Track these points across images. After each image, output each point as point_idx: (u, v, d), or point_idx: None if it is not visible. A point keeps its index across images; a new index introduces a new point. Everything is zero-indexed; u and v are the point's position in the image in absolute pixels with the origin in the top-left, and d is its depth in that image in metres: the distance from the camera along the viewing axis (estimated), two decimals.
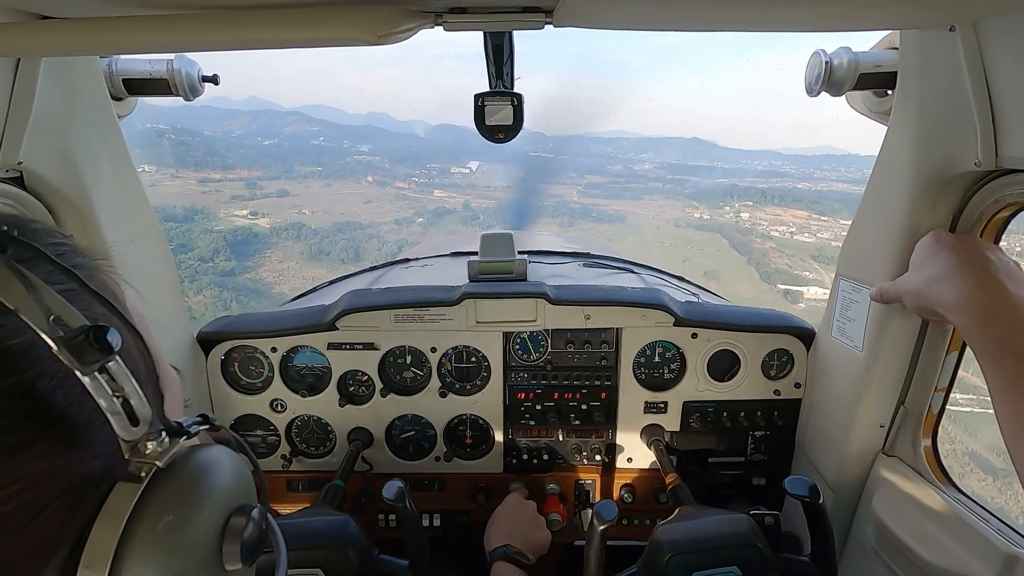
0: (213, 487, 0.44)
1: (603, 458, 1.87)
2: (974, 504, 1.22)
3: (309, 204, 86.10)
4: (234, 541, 0.44)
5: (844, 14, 0.94)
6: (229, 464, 0.47)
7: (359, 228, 76.53)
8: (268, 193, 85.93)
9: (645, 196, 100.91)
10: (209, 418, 0.49)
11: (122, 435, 0.39)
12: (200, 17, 0.86)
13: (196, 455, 0.44)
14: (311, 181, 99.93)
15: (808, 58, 1.35)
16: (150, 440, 0.41)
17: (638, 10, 0.92)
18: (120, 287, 0.50)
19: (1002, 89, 1.00)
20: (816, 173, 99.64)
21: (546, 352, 1.82)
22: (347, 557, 1.30)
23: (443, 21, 0.91)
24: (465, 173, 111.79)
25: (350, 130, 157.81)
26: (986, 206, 1.15)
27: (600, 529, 1.26)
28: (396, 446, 1.89)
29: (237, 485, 0.47)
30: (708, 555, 1.22)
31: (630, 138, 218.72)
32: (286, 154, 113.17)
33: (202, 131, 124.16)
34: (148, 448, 0.40)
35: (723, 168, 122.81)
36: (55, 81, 1.18)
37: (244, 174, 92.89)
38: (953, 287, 1.03)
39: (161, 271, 1.56)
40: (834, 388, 1.55)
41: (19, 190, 1.20)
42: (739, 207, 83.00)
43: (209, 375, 1.79)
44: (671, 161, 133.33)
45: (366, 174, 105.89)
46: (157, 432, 0.41)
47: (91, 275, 0.46)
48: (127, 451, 0.40)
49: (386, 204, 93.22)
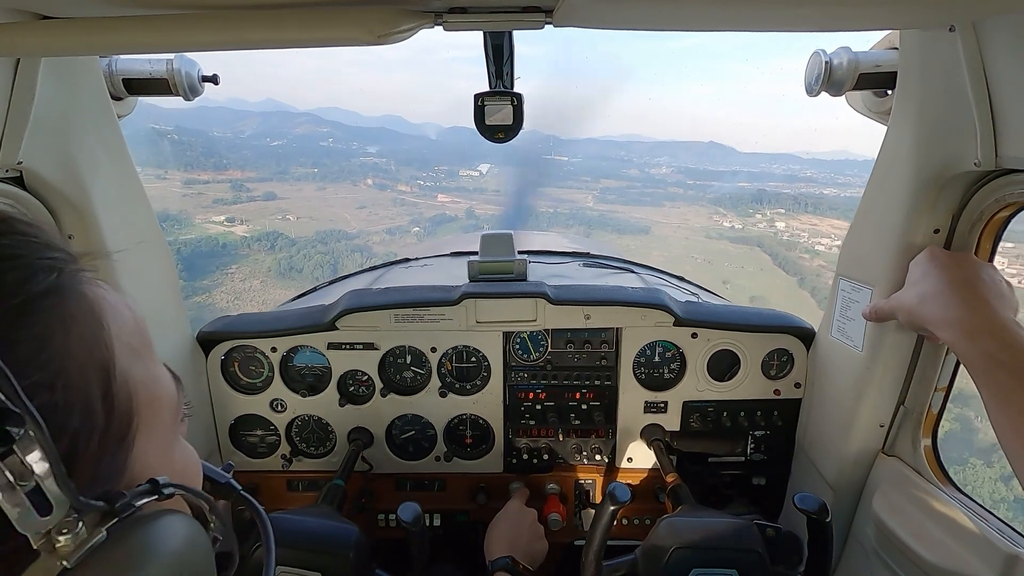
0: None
1: (603, 458, 1.87)
2: (974, 504, 1.22)
3: (296, 209, 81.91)
4: None
5: (844, 14, 0.94)
6: (175, 541, 0.41)
7: (344, 238, 71.13)
8: (254, 196, 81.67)
9: (666, 203, 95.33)
10: (158, 484, 0.43)
11: (25, 530, 0.34)
12: (200, 17, 0.86)
13: (126, 539, 0.38)
14: (304, 183, 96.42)
15: (808, 58, 1.35)
16: (63, 532, 0.35)
17: (638, 10, 0.92)
18: (105, 302, 0.45)
19: (1002, 89, 1.00)
20: (839, 178, 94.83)
21: (546, 352, 1.82)
22: (348, 566, 1.30)
23: (443, 21, 0.91)
24: (474, 176, 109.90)
25: (361, 132, 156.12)
26: (986, 206, 1.15)
27: (611, 509, 1.26)
28: (396, 446, 1.89)
29: (178, 566, 0.41)
30: (710, 554, 1.23)
31: (644, 142, 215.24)
32: (287, 155, 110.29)
33: (209, 132, 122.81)
34: (59, 542, 0.35)
35: (744, 172, 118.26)
36: (55, 81, 1.18)
37: (237, 175, 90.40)
38: (942, 306, 1.07)
39: (161, 271, 1.56)
40: (834, 388, 1.55)
41: (19, 190, 1.20)
42: (771, 215, 75.74)
43: (209, 375, 1.79)
44: (689, 165, 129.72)
45: (366, 176, 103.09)
46: (74, 521, 0.35)
47: (58, 303, 0.40)
48: (36, 542, 0.34)
49: (380, 210, 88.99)
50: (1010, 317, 1.02)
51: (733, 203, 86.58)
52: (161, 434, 0.49)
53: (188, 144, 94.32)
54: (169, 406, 0.50)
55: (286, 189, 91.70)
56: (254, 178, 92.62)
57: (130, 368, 0.45)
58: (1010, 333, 0.98)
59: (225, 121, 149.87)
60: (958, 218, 1.21)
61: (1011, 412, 0.93)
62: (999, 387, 0.95)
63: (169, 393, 0.50)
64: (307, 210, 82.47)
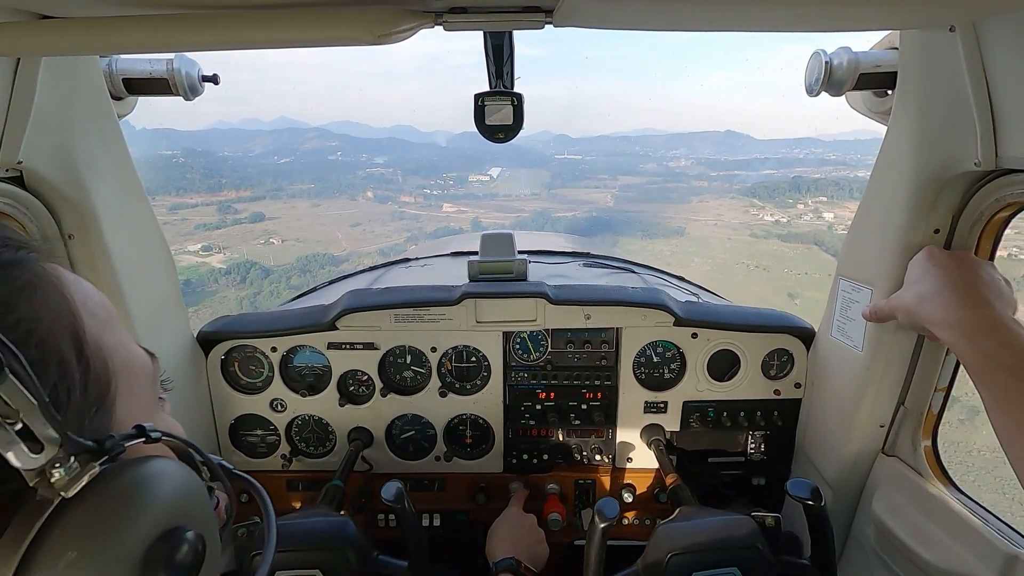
0: (132, 513, 0.39)
1: (603, 458, 1.87)
2: (974, 504, 1.22)
3: (284, 230, 76.81)
4: (156, 570, 0.39)
5: (844, 14, 0.94)
6: (165, 481, 0.42)
7: (329, 263, 63.59)
8: (240, 219, 77.16)
9: (693, 197, 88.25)
10: (146, 429, 0.44)
11: (20, 465, 0.35)
12: (200, 17, 0.86)
13: (119, 477, 0.40)
14: (299, 200, 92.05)
15: (808, 58, 1.35)
16: (56, 467, 0.36)
17: (638, 10, 0.91)
18: (67, 280, 0.46)
19: (1002, 89, 1.00)
20: (869, 159, 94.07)
21: (546, 352, 1.82)
22: (346, 558, 1.30)
23: (443, 21, 0.91)
24: (485, 181, 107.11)
25: (370, 143, 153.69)
26: (986, 206, 1.15)
27: (601, 527, 1.25)
28: (396, 446, 1.89)
29: (171, 505, 0.42)
30: (709, 555, 1.22)
31: (658, 135, 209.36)
32: (293, 171, 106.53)
33: (217, 152, 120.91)
34: (54, 476, 0.36)
35: (770, 159, 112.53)
36: (55, 81, 1.18)
37: (231, 195, 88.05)
38: (941, 305, 1.07)
39: (161, 271, 1.56)
40: (834, 388, 1.55)
41: (19, 190, 1.20)
42: (814, 204, 65.86)
43: (209, 375, 1.79)
44: (709, 156, 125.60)
45: (366, 189, 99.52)
46: (66, 457, 0.37)
47: (17, 275, 0.42)
48: (32, 479, 0.36)
49: (377, 226, 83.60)
50: (1009, 316, 1.02)
51: (769, 193, 79.15)
52: (141, 402, 0.50)
53: (189, 167, 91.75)
54: (145, 374, 0.51)
55: (278, 208, 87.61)
56: (247, 197, 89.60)
57: (100, 335, 0.46)
58: (1010, 332, 0.98)
59: (238, 141, 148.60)
60: (958, 218, 1.20)
61: (1011, 412, 0.92)
62: (999, 387, 0.95)
63: (143, 362, 0.51)
64: (295, 231, 77.92)
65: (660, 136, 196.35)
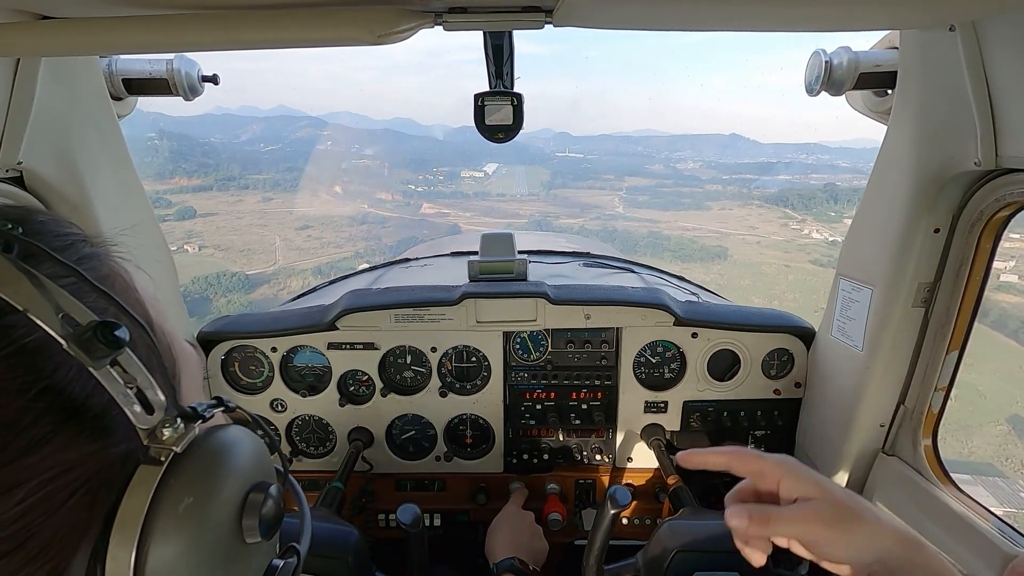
0: (230, 467, 0.45)
1: (603, 458, 1.87)
2: (974, 504, 1.22)
3: (211, 232, 63.22)
4: (253, 516, 0.46)
5: (844, 14, 0.94)
6: (246, 443, 0.49)
7: (241, 286, 48.76)
8: (166, 216, 63.19)
9: (711, 204, 79.03)
10: (224, 400, 0.50)
11: (137, 423, 0.41)
12: (200, 17, 0.86)
13: (212, 437, 0.46)
14: (249, 193, 79.72)
15: (808, 58, 1.35)
16: (166, 427, 0.42)
17: (637, 10, 0.92)
18: (130, 273, 0.51)
19: (1002, 89, 1.00)
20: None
21: (546, 352, 1.82)
22: (346, 570, 1.29)
23: (443, 21, 0.91)
24: (478, 178, 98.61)
25: (365, 134, 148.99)
26: (986, 205, 1.15)
27: (612, 513, 1.26)
28: (396, 446, 1.89)
29: (254, 463, 0.48)
30: (712, 557, 1.22)
31: (661, 136, 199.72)
32: (267, 160, 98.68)
33: (203, 138, 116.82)
34: (165, 434, 0.42)
35: (777, 164, 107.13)
36: (55, 81, 1.18)
37: (182, 183, 78.72)
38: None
39: (160, 271, 1.56)
40: (834, 388, 1.55)
41: (19, 190, 1.20)
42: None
43: (209, 375, 1.79)
44: (716, 159, 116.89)
45: (333, 183, 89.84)
46: (172, 418, 0.43)
47: (99, 265, 0.47)
48: (145, 438, 0.42)
49: (329, 232, 67.53)
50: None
51: (804, 203, 69.27)
52: (195, 387, 0.55)
53: (155, 149, 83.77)
54: (196, 362, 0.56)
55: (219, 203, 73.47)
56: (190, 188, 78.69)
57: (163, 323, 0.52)
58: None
59: (229, 127, 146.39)
60: (958, 218, 1.21)
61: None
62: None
63: (192, 352, 0.57)
64: (223, 233, 64.26)
65: (663, 137, 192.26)
